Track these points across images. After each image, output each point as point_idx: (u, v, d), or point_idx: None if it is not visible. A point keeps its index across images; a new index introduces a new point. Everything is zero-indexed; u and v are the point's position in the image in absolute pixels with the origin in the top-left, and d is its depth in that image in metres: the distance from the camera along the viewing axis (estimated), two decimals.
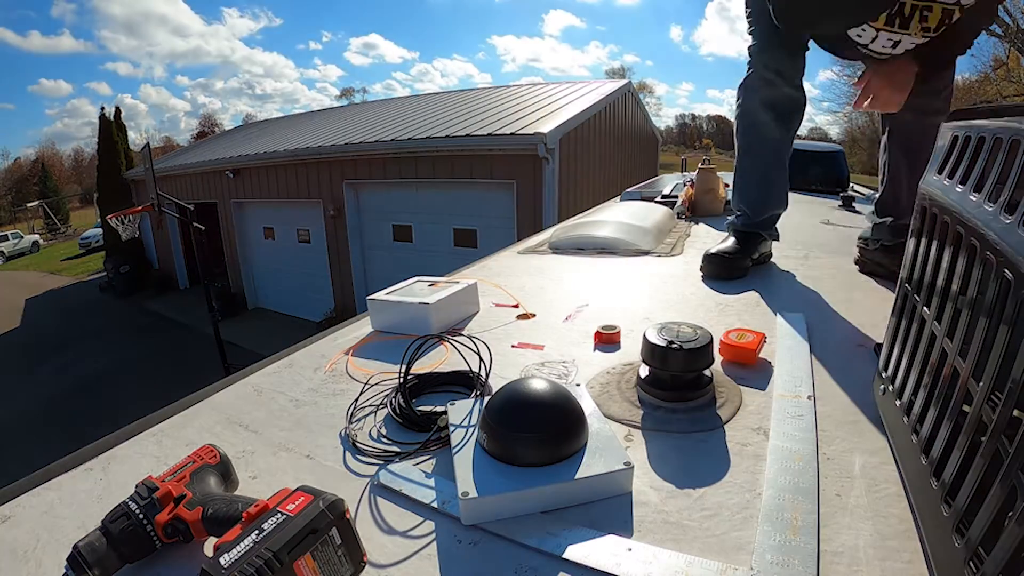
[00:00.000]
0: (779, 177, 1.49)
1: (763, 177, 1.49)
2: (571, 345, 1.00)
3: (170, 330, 10.11)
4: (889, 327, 0.66)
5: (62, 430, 6.27)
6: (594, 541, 0.51)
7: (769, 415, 0.71)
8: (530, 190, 6.54)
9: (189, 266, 12.37)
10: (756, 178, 1.50)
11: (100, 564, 0.47)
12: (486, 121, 7.49)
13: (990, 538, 0.35)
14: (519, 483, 0.56)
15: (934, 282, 0.53)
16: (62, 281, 16.32)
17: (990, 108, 0.48)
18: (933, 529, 0.44)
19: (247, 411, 0.83)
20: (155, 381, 7.39)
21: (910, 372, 0.56)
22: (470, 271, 1.67)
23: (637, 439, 0.68)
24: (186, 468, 0.56)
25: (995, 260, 0.39)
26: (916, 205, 0.61)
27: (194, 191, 10.80)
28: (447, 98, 11.25)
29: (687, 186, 2.62)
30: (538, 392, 0.63)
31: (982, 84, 14.51)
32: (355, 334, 1.14)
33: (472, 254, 4.62)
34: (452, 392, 0.84)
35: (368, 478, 0.63)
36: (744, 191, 1.52)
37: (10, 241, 23.19)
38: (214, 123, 56.29)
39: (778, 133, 1.43)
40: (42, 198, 33.03)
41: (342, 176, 8.23)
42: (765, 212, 1.50)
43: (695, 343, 0.73)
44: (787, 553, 0.47)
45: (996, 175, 0.43)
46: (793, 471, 0.58)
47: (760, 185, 1.50)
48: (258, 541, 0.43)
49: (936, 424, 0.47)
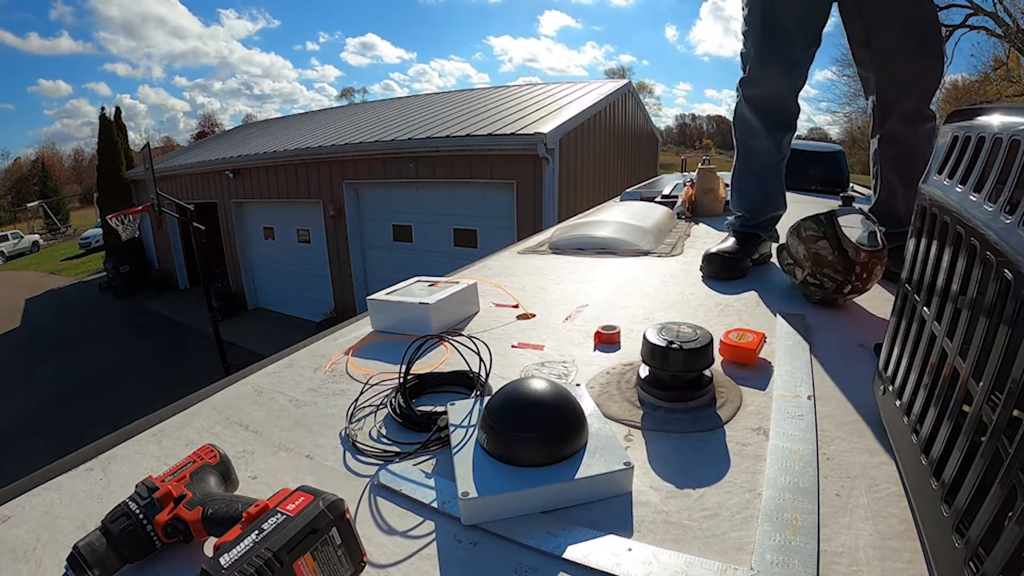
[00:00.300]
0: (776, 181, 1.50)
1: (760, 182, 1.50)
2: (571, 345, 1.00)
3: (170, 330, 10.11)
4: (889, 327, 0.66)
5: (62, 430, 6.27)
6: (594, 541, 0.51)
7: (769, 415, 0.71)
8: (530, 190, 6.54)
9: (189, 266, 12.37)
10: (753, 183, 1.51)
11: (100, 564, 0.47)
12: (486, 121, 7.49)
13: (990, 538, 0.35)
14: (519, 483, 0.56)
15: (934, 282, 0.53)
16: (62, 281, 16.32)
17: (989, 104, 0.48)
18: (933, 529, 0.44)
19: (247, 411, 0.83)
20: (155, 381, 7.40)
21: (910, 372, 0.56)
22: (470, 271, 1.67)
23: (637, 439, 0.68)
24: (186, 468, 0.56)
25: (995, 260, 0.39)
26: (916, 205, 0.61)
27: (194, 191, 10.80)
28: (447, 98, 11.25)
29: (687, 186, 2.62)
30: (538, 392, 0.63)
31: (982, 84, 14.52)
32: (355, 334, 1.14)
33: (472, 254, 4.62)
34: (452, 392, 0.84)
35: (368, 478, 0.63)
36: (742, 194, 1.53)
37: (10, 241, 23.20)
38: (214, 123, 56.34)
39: (772, 142, 1.44)
40: (42, 198, 33.05)
41: (342, 176, 8.23)
42: (763, 215, 1.51)
43: (695, 343, 0.73)
44: (787, 553, 0.47)
45: (996, 175, 0.42)
46: (793, 471, 0.58)
47: (757, 189, 1.51)
48: (258, 541, 0.43)
49: (936, 424, 0.47)
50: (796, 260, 1.15)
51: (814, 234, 1.10)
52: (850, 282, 1.07)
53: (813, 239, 1.10)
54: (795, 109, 1.42)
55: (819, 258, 1.09)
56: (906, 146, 1.32)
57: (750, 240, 1.47)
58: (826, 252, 1.07)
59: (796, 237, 1.14)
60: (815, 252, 1.09)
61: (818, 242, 1.09)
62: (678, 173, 4.34)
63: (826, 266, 1.08)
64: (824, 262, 1.08)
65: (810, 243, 1.10)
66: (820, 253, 1.08)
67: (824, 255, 1.08)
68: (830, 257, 1.07)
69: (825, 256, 1.08)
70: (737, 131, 1.49)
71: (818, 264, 1.09)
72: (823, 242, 1.08)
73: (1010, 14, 12.12)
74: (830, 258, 1.07)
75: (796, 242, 1.14)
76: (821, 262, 1.09)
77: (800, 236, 1.13)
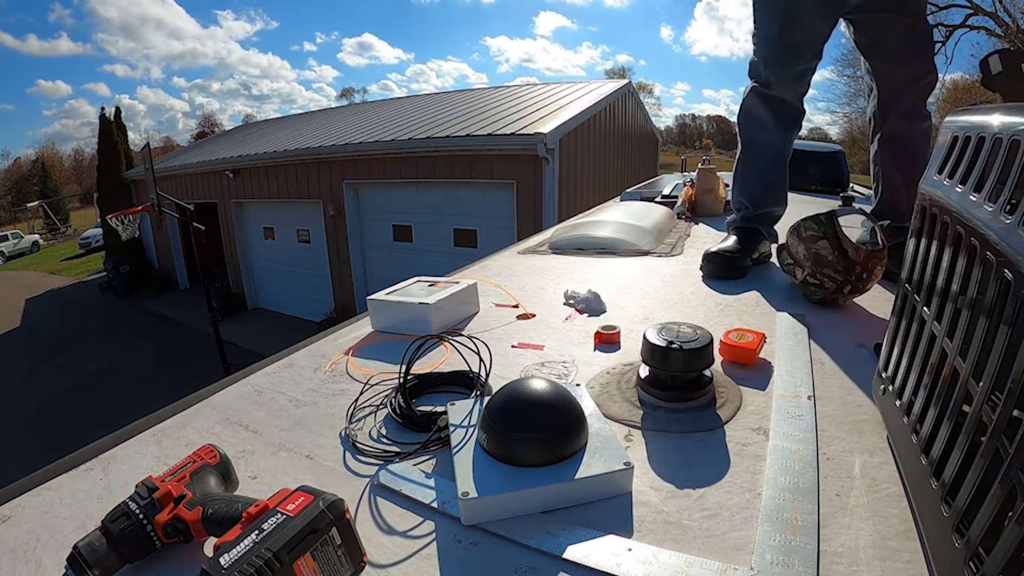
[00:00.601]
0: (779, 173, 1.52)
1: (763, 172, 1.52)
2: (571, 345, 1.00)
3: (170, 330, 10.11)
4: (889, 327, 0.66)
5: (62, 430, 6.26)
6: (594, 541, 0.51)
7: (769, 415, 0.71)
8: (530, 190, 6.53)
9: (189, 266, 12.37)
10: (756, 173, 1.53)
11: (100, 564, 0.47)
12: (486, 121, 7.49)
13: (990, 538, 0.35)
14: (519, 483, 0.56)
15: (934, 282, 0.53)
16: (62, 281, 16.32)
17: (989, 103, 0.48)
18: (933, 529, 0.44)
19: (247, 411, 0.83)
20: (155, 381, 7.40)
21: (910, 372, 0.56)
22: (470, 271, 1.67)
23: (637, 439, 0.68)
24: (186, 468, 0.56)
25: (995, 260, 0.39)
26: (916, 205, 0.61)
27: (194, 191, 10.80)
28: (447, 98, 11.25)
29: (687, 186, 2.62)
30: (538, 392, 0.63)
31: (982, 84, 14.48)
32: (355, 334, 1.14)
33: (472, 254, 4.62)
34: (452, 392, 0.84)
35: (368, 478, 0.63)
36: (744, 185, 1.55)
37: (10, 241, 23.20)
38: (214, 123, 56.32)
39: (779, 132, 1.47)
40: (42, 198, 33.05)
41: (342, 176, 8.22)
42: (765, 206, 1.52)
43: (695, 343, 0.73)
44: (787, 553, 0.47)
45: (996, 175, 0.42)
46: (793, 471, 0.58)
47: (760, 179, 1.53)
48: (258, 541, 0.43)
49: (936, 424, 0.47)
50: (796, 260, 1.15)
51: (814, 234, 1.10)
52: (850, 282, 1.07)
53: (813, 239, 1.10)
54: (802, 111, 1.48)
55: (819, 258, 1.09)
56: (904, 143, 1.37)
57: (750, 237, 1.47)
58: (826, 252, 1.08)
59: (796, 237, 1.14)
60: (815, 252, 1.09)
61: (818, 242, 1.09)
62: (678, 173, 4.34)
63: (826, 266, 1.08)
64: (824, 262, 1.08)
65: (810, 243, 1.10)
66: (820, 253, 1.08)
67: (824, 255, 1.08)
68: (830, 257, 1.07)
69: (825, 256, 1.08)
70: (743, 124, 1.53)
71: (818, 264, 1.09)
72: (823, 242, 1.08)
73: (1010, 14, 12.11)
74: (830, 258, 1.07)
75: (796, 242, 1.14)
76: (821, 262, 1.09)
77: (800, 236, 1.13)
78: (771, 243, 1.55)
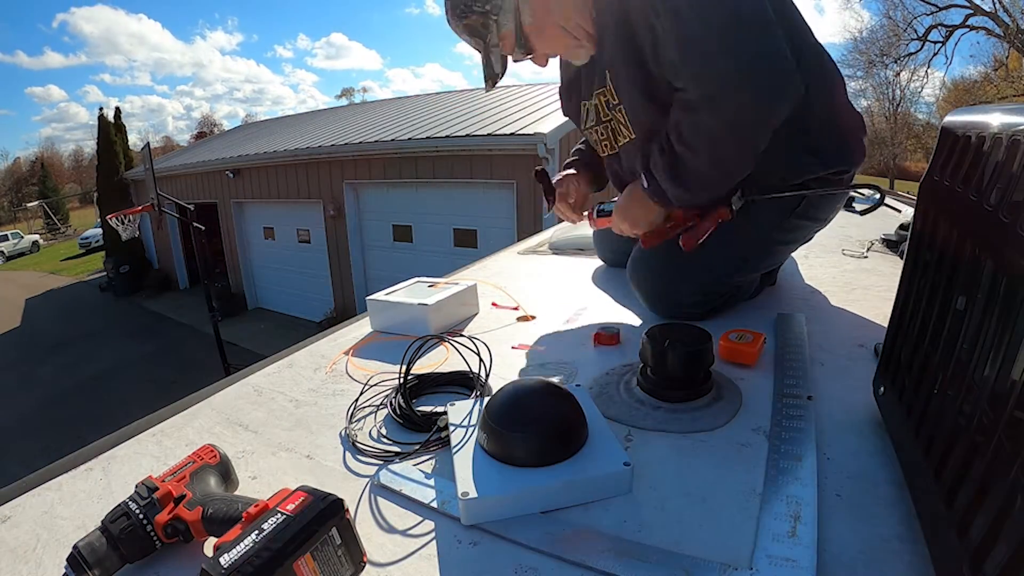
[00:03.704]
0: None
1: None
2: (571, 346, 1.00)
3: (170, 330, 10.10)
4: (889, 327, 0.66)
5: (62, 430, 6.26)
6: (594, 541, 0.51)
7: (769, 415, 0.71)
8: (530, 190, 6.53)
9: (189, 266, 12.35)
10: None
11: (100, 564, 0.47)
12: (486, 121, 7.48)
13: (990, 538, 0.35)
14: (519, 483, 0.56)
15: (934, 283, 0.53)
16: (62, 281, 16.32)
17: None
18: (933, 529, 0.44)
19: (247, 411, 0.83)
20: (155, 381, 7.40)
21: (910, 372, 0.56)
22: (470, 271, 1.67)
23: (637, 439, 0.68)
24: (186, 468, 0.56)
25: (995, 260, 0.39)
26: (916, 205, 0.61)
27: (194, 191, 10.79)
28: (447, 98, 11.24)
29: None
30: (538, 392, 0.63)
31: (982, 85, 14.53)
32: (355, 334, 1.14)
33: (472, 254, 4.62)
34: (452, 392, 0.84)
35: (368, 478, 0.63)
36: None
37: (10, 241, 23.20)
38: (213, 123, 56.34)
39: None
40: (42, 198, 33.04)
41: (342, 176, 8.22)
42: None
43: (695, 343, 0.73)
44: (787, 553, 0.47)
45: (996, 175, 0.42)
46: (793, 471, 0.58)
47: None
48: (258, 541, 0.43)
49: (936, 424, 0.47)
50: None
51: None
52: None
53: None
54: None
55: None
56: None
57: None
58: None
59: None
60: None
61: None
62: None
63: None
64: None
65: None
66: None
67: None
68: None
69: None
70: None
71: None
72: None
73: (1010, 14, 12.13)
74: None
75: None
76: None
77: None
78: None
